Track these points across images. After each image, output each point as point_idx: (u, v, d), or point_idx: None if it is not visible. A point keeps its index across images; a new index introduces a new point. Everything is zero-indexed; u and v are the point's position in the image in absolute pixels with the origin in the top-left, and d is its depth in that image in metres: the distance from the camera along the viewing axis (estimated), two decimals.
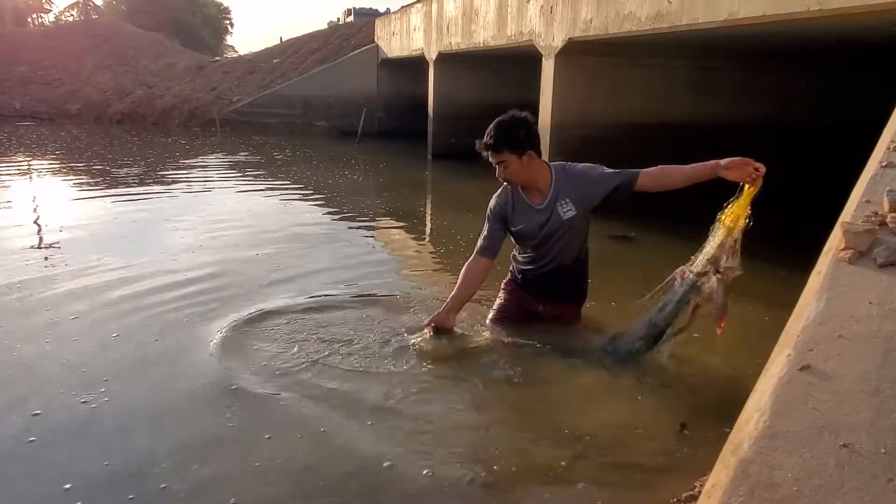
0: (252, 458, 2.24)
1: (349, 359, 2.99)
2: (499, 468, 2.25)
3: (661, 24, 5.43)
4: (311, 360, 2.95)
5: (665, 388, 2.91)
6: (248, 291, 4.03)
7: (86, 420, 2.48)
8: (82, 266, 4.50)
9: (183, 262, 4.67)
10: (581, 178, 3.05)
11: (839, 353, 1.20)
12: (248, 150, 13.86)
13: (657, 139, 7.55)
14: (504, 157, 2.93)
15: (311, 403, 2.61)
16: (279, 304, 3.73)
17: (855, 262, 1.40)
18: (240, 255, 4.96)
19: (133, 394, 2.71)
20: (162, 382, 2.84)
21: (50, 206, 7.15)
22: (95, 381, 2.77)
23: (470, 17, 9.92)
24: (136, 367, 2.96)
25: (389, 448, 2.30)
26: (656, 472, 2.25)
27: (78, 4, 45.04)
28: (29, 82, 19.66)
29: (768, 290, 4.04)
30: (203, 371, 2.89)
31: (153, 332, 3.35)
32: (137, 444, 2.34)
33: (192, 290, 4.01)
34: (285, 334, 3.27)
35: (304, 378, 2.81)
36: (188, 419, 2.54)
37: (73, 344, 3.19)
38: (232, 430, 2.43)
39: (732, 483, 1.03)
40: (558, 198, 3.03)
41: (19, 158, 11.22)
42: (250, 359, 3.01)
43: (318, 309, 3.65)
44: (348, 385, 2.75)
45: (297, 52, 19.98)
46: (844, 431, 1.06)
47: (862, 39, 6.08)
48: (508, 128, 2.96)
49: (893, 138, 1.74)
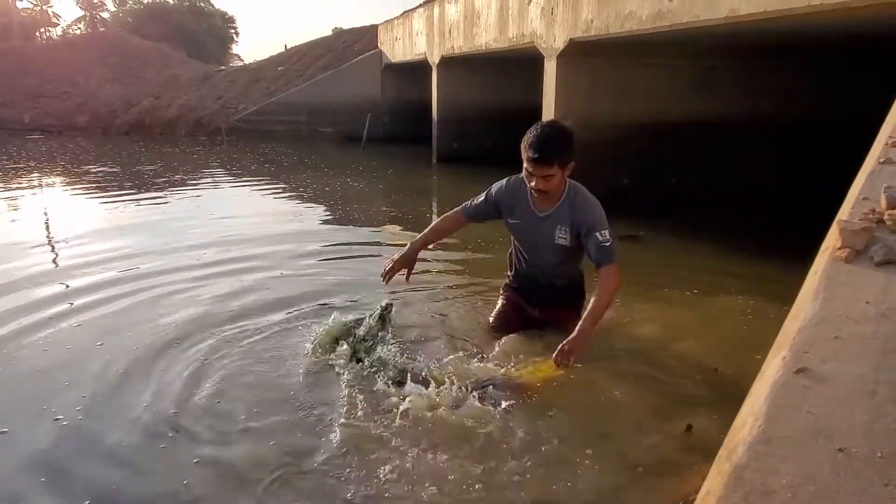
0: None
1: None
2: (503, 469, 2.24)
3: (662, 22, 5.40)
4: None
5: (671, 388, 2.89)
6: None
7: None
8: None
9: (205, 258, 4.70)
10: (581, 217, 2.94)
11: (835, 355, 1.18)
12: (254, 157, 13.93)
13: (660, 138, 7.52)
14: (553, 171, 2.81)
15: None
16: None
17: (852, 261, 1.38)
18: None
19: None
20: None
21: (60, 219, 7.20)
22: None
23: (472, 21, 9.92)
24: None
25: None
26: (663, 474, 2.24)
27: (85, 18, 45.54)
28: (37, 96, 19.85)
29: (779, 289, 4.01)
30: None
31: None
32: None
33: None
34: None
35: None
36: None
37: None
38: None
39: (726, 490, 1.01)
40: (560, 221, 2.98)
41: (31, 171, 11.31)
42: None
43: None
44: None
45: (301, 60, 20.07)
46: (840, 436, 1.04)
47: (863, 34, 6.03)
48: (560, 140, 2.84)
49: (892, 134, 1.72)
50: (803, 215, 7.13)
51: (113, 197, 8.78)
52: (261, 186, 9.98)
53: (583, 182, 3.10)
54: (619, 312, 3.99)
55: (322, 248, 5.64)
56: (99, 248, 5.46)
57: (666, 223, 6.64)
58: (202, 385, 2.86)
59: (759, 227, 6.79)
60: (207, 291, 4.22)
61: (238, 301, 4.02)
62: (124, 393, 2.83)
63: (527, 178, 2.92)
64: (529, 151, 2.79)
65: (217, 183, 10.39)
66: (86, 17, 45.62)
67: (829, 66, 8.01)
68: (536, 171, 2.81)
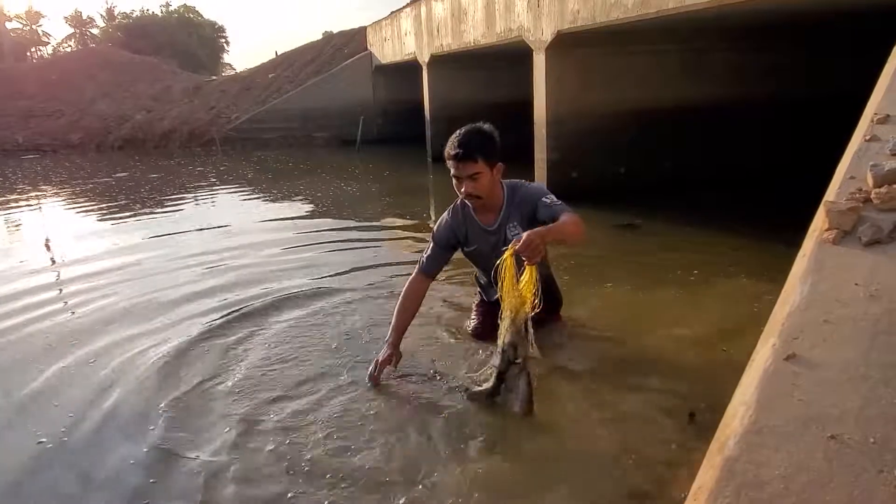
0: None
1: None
2: (508, 457, 2.24)
3: (648, 9, 5.37)
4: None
5: (672, 375, 2.87)
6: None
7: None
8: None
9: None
10: (525, 202, 2.83)
11: (825, 340, 1.16)
12: (249, 165, 13.91)
13: (655, 125, 7.49)
14: (479, 169, 2.71)
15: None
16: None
17: (839, 243, 1.36)
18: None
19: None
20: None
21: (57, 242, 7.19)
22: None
23: (459, 18, 9.90)
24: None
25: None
26: (666, 464, 2.22)
27: (74, 35, 45.62)
28: (30, 116, 19.84)
29: (783, 275, 3.99)
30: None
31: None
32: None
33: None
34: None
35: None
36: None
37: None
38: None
39: (718, 484, 0.99)
40: (508, 219, 2.87)
41: (30, 191, 11.31)
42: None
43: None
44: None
45: (291, 66, 20.05)
46: (832, 422, 1.03)
47: (850, 9, 5.99)
48: (482, 136, 2.75)
49: (877, 111, 1.69)
50: (798, 196, 7.13)
51: (112, 212, 8.76)
52: (258, 194, 9.97)
53: (578, 172, 3.05)
54: (620, 299, 3.99)
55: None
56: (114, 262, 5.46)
57: (663, 210, 6.62)
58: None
59: (755, 209, 6.76)
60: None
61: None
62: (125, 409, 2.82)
63: (456, 188, 2.81)
64: (450, 150, 2.71)
65: (214, 192, 10.37)
66: (76, 35, 45.72)
67: (821, 43, 7.96)
68: (461, 170, 2.72)
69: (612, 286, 4.24)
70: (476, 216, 2.94)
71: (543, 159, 7.50)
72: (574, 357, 3.06)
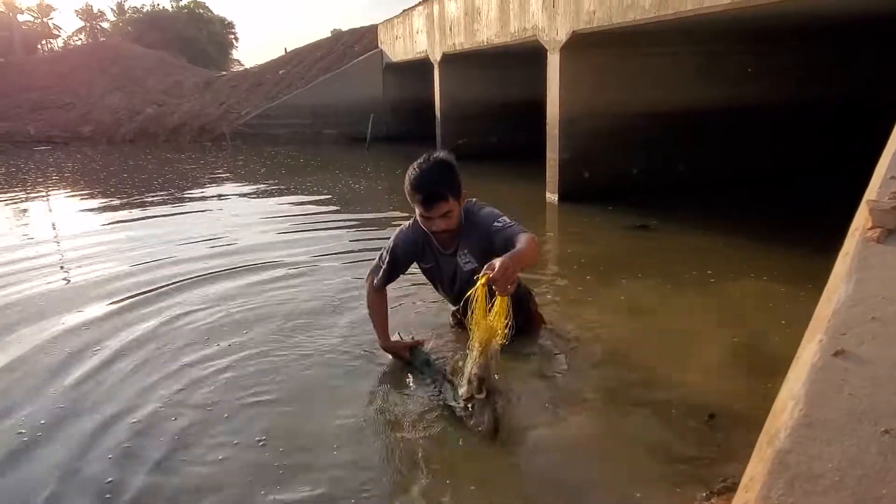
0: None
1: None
2: (527, 457, 2.25)
3: (666, 10, 5.36)
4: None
5: (691, 377, 2.87)
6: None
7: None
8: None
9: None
10: (478, 229, 2.74)
11: (873, 337, 1.17)
12: (260, 161, 13.94)
13: (668, 126, 7.48)
14: (450, 207, 2.61)
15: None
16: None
17: (883, 241, 1.36)
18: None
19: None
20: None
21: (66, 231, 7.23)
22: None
23: (472, 17, 9.89)
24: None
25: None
26: (687, 462, 2.22)
27: (85, 28, 45.77)
28: (41, 108, 19.93)
29: (797, 274, 3.99)
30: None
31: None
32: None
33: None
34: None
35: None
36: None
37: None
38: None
39: (771, 475, 1.00)
40: (460, 247, 2.81)
41: (42, 183, 11.36)
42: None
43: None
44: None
45: (302, 62, 20.08)
46: (885, 417, 1.03)
47: (871, 10, 5.96)
48: (445, 170, 2.63)
49: None
50: (812, 196, 7.13)
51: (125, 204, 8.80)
52: (272, 189, 10.00)
53: (590, 172, 3.04)
54: (633, 299, 3.99)
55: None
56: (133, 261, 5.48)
57: (677, 211, 6.61)
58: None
59: (769, 209, 6.76)
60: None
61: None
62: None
63: (425, 224, 2.69)
64: (418, 195, 2.58)
65: (225, 188, 10.39)
66: (86, 28, 45.86)
67: (837, 45, 7.94)
68: (432, 212, 2.60)
69: (625, 286, 4.23)
70: (435, 241, 2.85)
71: (555, 159, 7.50)
72: (587, 358, 3.06)
